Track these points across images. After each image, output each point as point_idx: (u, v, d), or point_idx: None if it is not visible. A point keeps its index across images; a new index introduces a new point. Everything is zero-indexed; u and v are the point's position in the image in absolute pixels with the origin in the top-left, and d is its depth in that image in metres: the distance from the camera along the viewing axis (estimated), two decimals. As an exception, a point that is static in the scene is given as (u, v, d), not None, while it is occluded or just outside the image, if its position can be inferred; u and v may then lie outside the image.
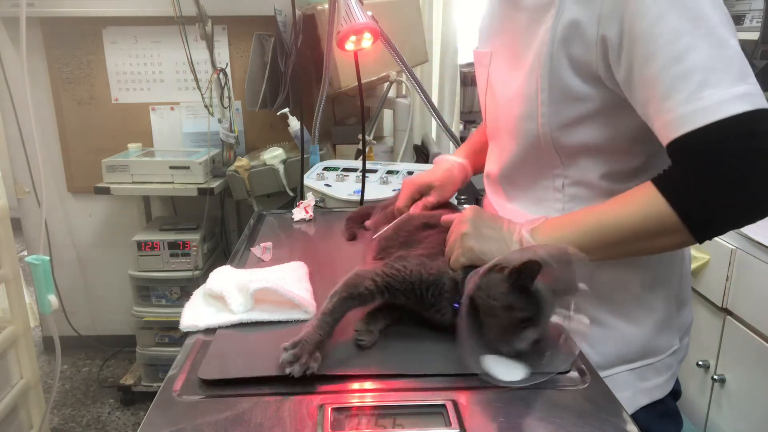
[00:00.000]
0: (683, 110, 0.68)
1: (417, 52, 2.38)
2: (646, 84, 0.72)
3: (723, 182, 0.67)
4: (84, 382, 2.59)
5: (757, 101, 0.66)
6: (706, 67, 0.67)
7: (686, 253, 0.95)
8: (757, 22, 1.92)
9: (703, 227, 0.70)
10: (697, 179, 0.69)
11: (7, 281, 1.64)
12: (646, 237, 0.73)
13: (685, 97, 0.68)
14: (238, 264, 1.11)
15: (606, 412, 0.68)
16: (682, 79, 0.68)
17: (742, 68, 0.68)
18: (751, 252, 1.49)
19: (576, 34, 0.77)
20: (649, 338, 0.88)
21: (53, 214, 2.59)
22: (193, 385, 0.72)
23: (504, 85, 0.92)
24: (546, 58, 0.80)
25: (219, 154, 2.36)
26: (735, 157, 0.66)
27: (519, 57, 0.87)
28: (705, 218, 0.70)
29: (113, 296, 2.70)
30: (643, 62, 0.71)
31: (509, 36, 0.91)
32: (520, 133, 0.88)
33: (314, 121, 1.95)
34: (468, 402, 0.68)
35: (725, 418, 1.63)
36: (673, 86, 0.69)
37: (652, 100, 0.72)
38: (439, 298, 0.78)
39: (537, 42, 0.82)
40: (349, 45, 1.37)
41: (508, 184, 0.96)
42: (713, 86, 0.67)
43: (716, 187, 0.67)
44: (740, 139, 0.66)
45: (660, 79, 0.70)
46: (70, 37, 2.42)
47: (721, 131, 0.66)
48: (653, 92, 0.71)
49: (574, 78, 0.79)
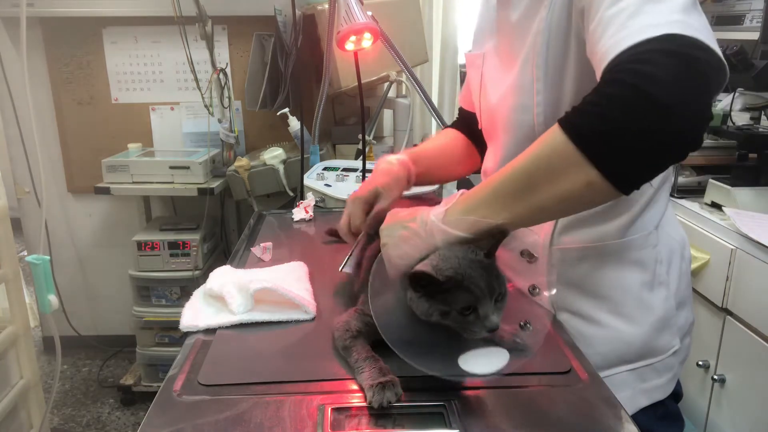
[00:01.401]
0: (610, 42, 0.62)
1: (417, 52, 2.38)
2: (590, 37, 0.68)
3: (618, 95, 0.57)
4: (84, 382, 2.59)
5: (693, 30, 0.58)
6: (642, 1, 0.62)
7: (686, 252, 0.95)
8: (757, 22, 1.92)
9: (603, 153, 0.59)
10: (593, 98, 0.60)
11: (7, 281, 1.64)
12: (544, 176, 0.63)
13: (614, 29, 0.62)
14: (238, 264, 1.11)
15: (606, 412, 0.68)
16: (615, 16, 0.63)
17: (685, 4, 0.61)
18: (751, 252, 1.49)
19: (566, 15, 0.77)
20: (648, 338, 0.88)
21: (53, 214, 2.59)
22: (193, 385, 0.72)
23: (498, 82, 0.92)
24: (542, 47, 0.80)
25: (219, 154, 2.36)
26: (639, 72, 0.57)
27: (513, 54, 0.87)
28: (600, 139, 0.59)
29: (113, 296, 2.70)
30: (591, 19, 0.68)
31: (503, 36, 0.92)
32: (515, 126, 0.88)
33: (314, 121, 1.95)
34: (468, 402, 0.68)
35: (725, 418, 1.63)
36: (607, 25, 0.63)
37: (593, 51, 0.66)
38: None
39: (531, 35, 0.83)
40: (349, 45, 1.37)
41: None
42: (644, 14, 0.61)
43: (610, 100, 0.58)
44: (653, 53, 0.57)
45: (599, 25, 0.65)
46: (70, 37, 2.42)
47: (636, 49, 0.59)
48: (593, 40, 0.66)
49: (572, 63, 0.79)
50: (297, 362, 0.77)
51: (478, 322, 0.67)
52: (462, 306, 0.67)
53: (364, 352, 0.73)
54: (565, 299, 0.91)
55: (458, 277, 0.66)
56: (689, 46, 0.58)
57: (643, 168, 0.61)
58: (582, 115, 0.61)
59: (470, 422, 0.64)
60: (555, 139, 0.62)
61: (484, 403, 0.68)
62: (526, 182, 0.65)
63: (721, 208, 1.68)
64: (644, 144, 0.58)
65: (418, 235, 0.73)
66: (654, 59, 0.57)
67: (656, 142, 0.58)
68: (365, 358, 0.72)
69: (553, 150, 0.63)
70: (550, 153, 0.63)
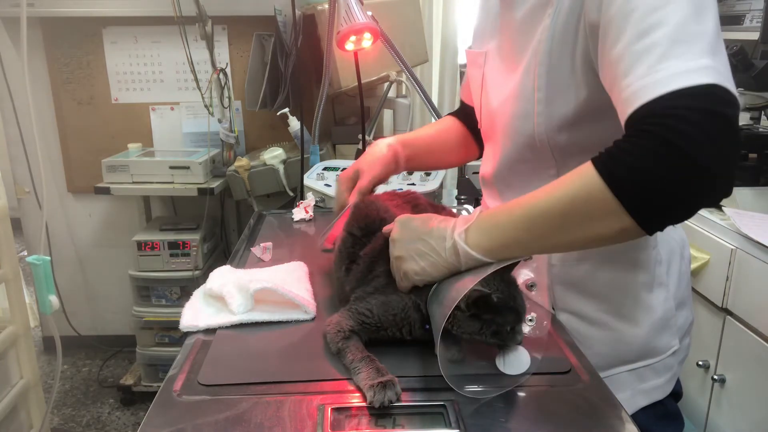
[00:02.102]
0: (639, 84, 0.62)
1: (417, 52, 2.38)
2: (611, 65, 0.67)
3: (661, 153, 0.58)
4: (84, 382, 2.59)
5: (722, 78, 0.60)
6: (671, 40, 0.62)
7: (685, 252, 0.95)
8: (757, 22, 1.92)
9: (641, 206, 0.61)
10: (633, 149, 0.60)
11: (7, 281, 1.64)
12: (579, 220, 0.64)
13: (644, 70, 0.62)
14: (238, 264, 1.11)
15: (606, 412, 0.68)
16: (645, 53, 0.63)
17: (712, 44, 0.62)
18: (751, 252, 1.49)
19: (572, 27, 0.76)
20: (647, 339, 0.88)
21: (53, 214, 2.59)
22: (193, 385, 0.72)
23: (500, 85, 0.91)
24: (544, 56, 0.80)
25: (219, 154, 2.36)
26: (679, 131, 0.57)
27: (515, 57, 0.87)
28: (640, 193, 0.60)
29: (113, 296, 2.70)
30: (613, 43, 0.67)
31: (505, 37, 0.90)
32: (515, 132, 0.88)
33: (314, 121, 1.95)
34: (468, 402, 0.68)
35: (725, 418, 1.63)
36: (635, 62, 0.63)
37: (615, 81, 0.66)
38: (411, 328, 0.77)
39: (534, 41, 0.81)
40: (349, 45, 1.37)
41: (503, 185, 0.96)
42: (675, 58, 0.61)
43: (653, 156, 0.58)
44: (691, 111, 0.58)
45: (624, 56, 0.65)
46: (70, 37, 2.42)
47: (671, 101, 0.59)
48: (617, 72, 0.66)
49: (574, 75, 0.78)
50: (297, 362, 0.77)
51: (514, 337, 0.73)
52: (511, 325, 0.72)
53: (359, 353, 0.73)
54: (564, 300, 0.91)
55: (507, 298, 0.71)
56: (723, 104, 0.59)
57: (677, 218, 0.64)
58: (620, 164, 0.61)
59: (470, 422, 0.64)
60: (592, 184, 0.62)
61: (485, 403, 0.68)
62: (560, 222, 0.66)
63: (721, 208, 1.68)
64: (682, 198, 0.60)
65: (437, 252, 0.73)
66: (690, 118, 0.58)
67: (693, 195, 0.60)
68: (361, 358, 0.72)
69: (590, 194, 0.63)
70: (587, 197, 0.63)
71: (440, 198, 1.65)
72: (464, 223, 0.73)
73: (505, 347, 0.73)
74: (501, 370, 0.73)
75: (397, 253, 0.77)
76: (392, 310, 0.77)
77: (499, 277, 0.72)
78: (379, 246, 0.83)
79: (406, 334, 0.78)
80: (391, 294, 0.79)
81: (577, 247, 0.69)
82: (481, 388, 0.71)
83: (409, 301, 0.77)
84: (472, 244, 0.71)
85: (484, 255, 0.70)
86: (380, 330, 0.78)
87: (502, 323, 0.71)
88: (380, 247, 0.83)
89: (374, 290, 0.81)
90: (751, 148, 1.78)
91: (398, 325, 0.77)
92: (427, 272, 0.74)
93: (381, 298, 0.79)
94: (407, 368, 0.74)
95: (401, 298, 0.77)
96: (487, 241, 0.70)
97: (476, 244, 0.71)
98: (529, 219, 0.68)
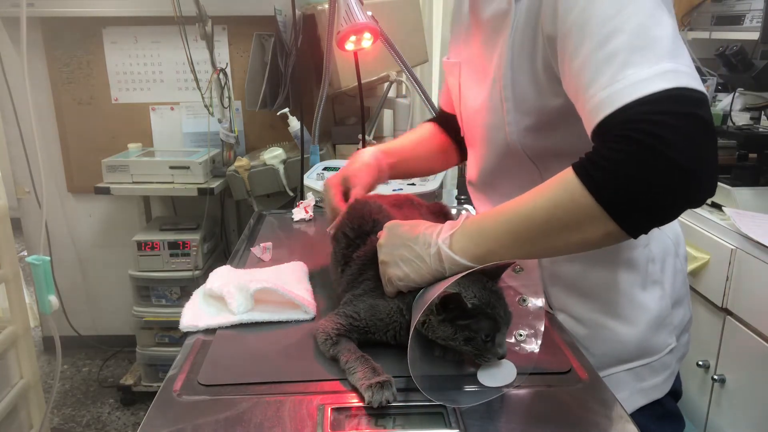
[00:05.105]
0: (604, 94, 0.63)
1: (417, 52, 2.38)
2: (574, 76, 0.67)
3: (643, 158, 0.59)
4: (84, 382, 2.59)
5: (682, 79, 0.61)
6: (630, 47, 0.62)
7: (680, 250, 0.95)
8: (757, 22, 1.92)
9: (625, 211, 0.62)
10: (613, 155, 0.61)
11: (7, 281, 1.64)
12: (563, 226, 0.65)
13: (606, 80, 0.63)
14: (238, 264, 1.11)
15: (606, 412, 0.68)
16: (605, 63, 0.63)
17: (671, 46, 0.63)
18: (751, 252, 1.49)
19: (529, 40, 0.76)
20: (643, 338, 0.88)
21: (53, 214, 2.59)
22: (193, 385, 0.72)
23: (474, 96, 0.92)
24: (506, 69, 0.80)
25: (219, 154, 2.36)
26: (657, 135, 0.58)
27: (483, 68, 0.87)
28: (624, 199, 0.61)
29: (113, 296, 2.70)
30: (573, 54, 0.67)
31: (475, 47, 0.91)
32: (490, 141, 0.89)
33: (314, 121, 1.95)
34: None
35: (725, 418, 1.63)
36: (596, 72, 0.64)
37: (579, 92, 0.67)
38: (396, 333, 0.77)
39: (497, 54, 0.82)
40: (349, 45, 1.37)
41: (489, 189, 0.97)
42: (635, 65, 0.62)
43: (636, 162, 0.59)
44: (664, 116, 0.59)
45: (585, 66, 0.65)
46: (70, 37, 2.42)
47: (640, 107, 0.60)
48: (580, 82, 0.66)
49: (536, 85, 0.78)
50: (297, 362, 0.77)
51: (493, 349, 0.70)
52: (486, 333, 0.69)
53: (353, 354, 0.73)
54: (557, 300, 0.91)
55: (483, 305, 0.69)
56: (692, 104, 0.60)
57: (661, 220, 0.64)
58: (601, 171, 0.62)
59: (470, 422, 0.64)
60: (574, 190, 0.63)
61: (484, 403, 0.68)
62: (544, 228, 0.66)
63: (721, 208, 1.68)
64: (666, 201, 0.61)
65: (421, 258, 0.74)
66: (665, 122, 0.59)
67: (679, 198, 0.61)
68: (356, 359, 0.72)
69: (572, 201, 0.63)
70: (569, 204, 0.64)
71: (440, 198, 1.65)
72: (449, 229, 0.73)
73: (480, 357, 0.71)
74: (479, 380, 0.71)
75: (383, 258, 0.78)
76: (379, 315, 0.77)
77: (481, 284, 0.71)
78: (371, 249, 0.83)
79: (391, 339, 0.78)
80: (379, 298, 0.79)
81: (563, 251, 0.69)
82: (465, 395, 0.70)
83: (395, 306, 0.77)
84: (457, 250, 0.71)
85: (470, 261, 0.70)
86: (368, 333, 0.78)
87: (476, 330, 0.69)
88: (372, 250, 0.83)
89: (363, 293, 0.81)
90: (751, 148, 1.78)
91: (384, 330, 0.77)
92: (411, 278, 0.74)
93: (369, 301, 0.79)
94: (400, 368, 0.74)
95: (388, 302, 0.78)
96: (473, 247, 0.70)
97: (462, 249, 0.71)
98: (514, 225, 0.68)
